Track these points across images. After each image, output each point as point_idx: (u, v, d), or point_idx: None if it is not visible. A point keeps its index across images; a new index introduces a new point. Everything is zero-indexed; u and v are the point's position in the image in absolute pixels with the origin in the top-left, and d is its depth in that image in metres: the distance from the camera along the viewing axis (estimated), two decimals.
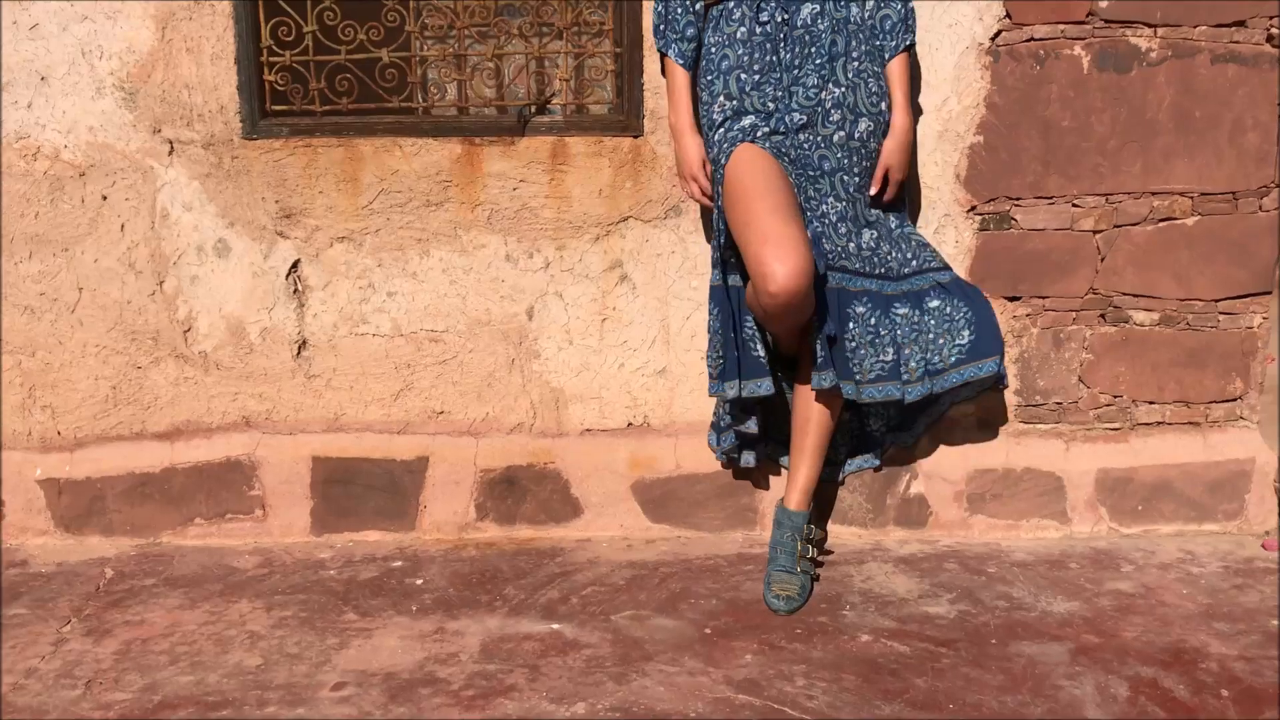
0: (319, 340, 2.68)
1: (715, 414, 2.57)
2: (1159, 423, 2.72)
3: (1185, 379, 2.70)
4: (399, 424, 2.70)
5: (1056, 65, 2.55)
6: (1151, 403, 2.71)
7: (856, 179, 2.33)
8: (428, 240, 2.63)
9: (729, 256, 2.32)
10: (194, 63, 2.54)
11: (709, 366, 2.42)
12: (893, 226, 2.43)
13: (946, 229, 2.62)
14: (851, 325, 2.35)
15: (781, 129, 2.27)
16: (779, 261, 2.10)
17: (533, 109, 2.62)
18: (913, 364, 2.41)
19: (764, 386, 2.38)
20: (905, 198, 2.47)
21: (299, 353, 2.68)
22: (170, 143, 2.58)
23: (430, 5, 2.60)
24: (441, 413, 2.70)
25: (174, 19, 2.52)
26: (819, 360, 2.30)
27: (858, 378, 2.37)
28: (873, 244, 2.39)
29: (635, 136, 2.58)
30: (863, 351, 2.37)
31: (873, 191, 2.38)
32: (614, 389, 2.69)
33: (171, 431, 2.70)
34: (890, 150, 2.37)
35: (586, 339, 2.67)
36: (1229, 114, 2.58)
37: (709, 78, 2.32)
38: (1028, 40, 2.55)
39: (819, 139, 2.29)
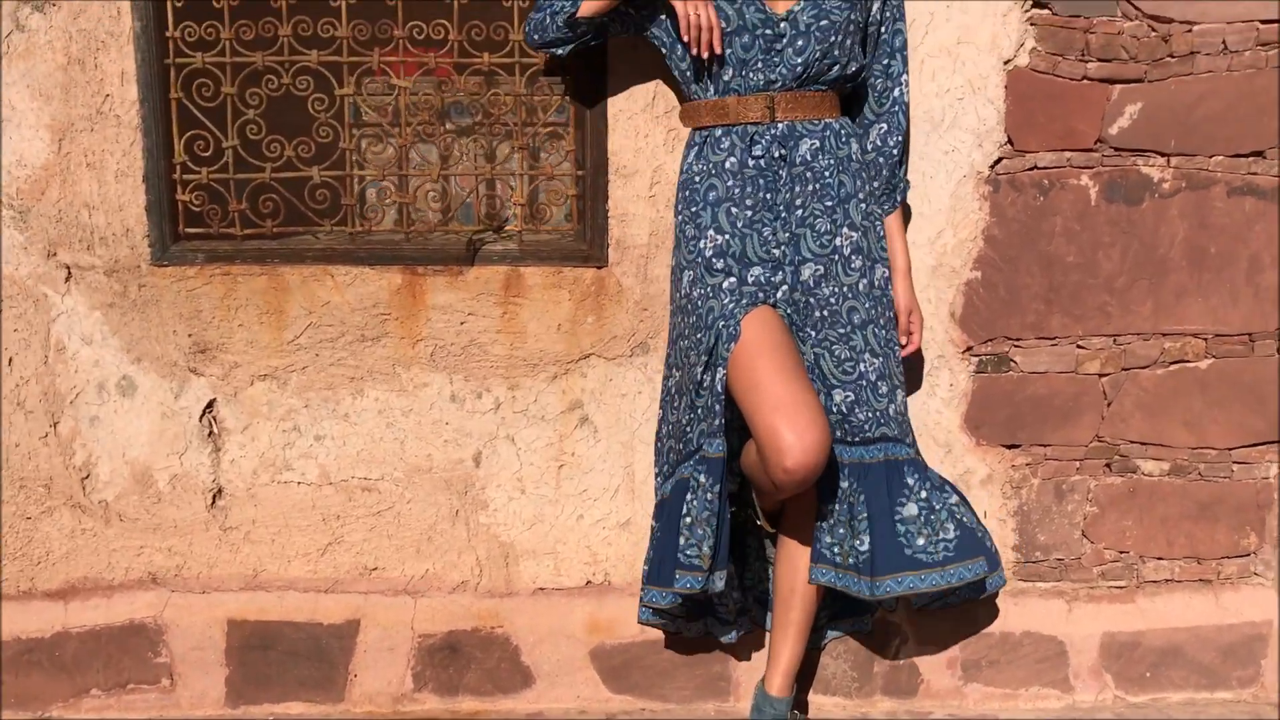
0: (237, 489, 2.48)
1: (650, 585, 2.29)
2: (1168, 580, 2.61)
3: (1196, 533, 2.60)
4: (327, 582, 2.51)
5: (1061, 196, 2.45)
6: (1160, 559, 2.60)
7: (884, 331, 2.18)
8: (362, 379, 2.45)
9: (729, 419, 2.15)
10: (96, 180, 2.34)
11: (686, 556, 2.13)
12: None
13: (940, 371, 2.49)
14: (902, 502, 2.17)
15: (800, 287, 2.12)
16: (796, 433, 1.95)
17: (484, 235, 2.46)
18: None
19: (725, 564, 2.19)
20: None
21: (214, 502, 2.49)
22: (68, 268, 2.38)
23: (371, 101, 2.43)
24: (375, 569, 2.52)
25: (73, 130, 2.32)
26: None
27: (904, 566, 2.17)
28: (905, 405, 2.25)
29: (598, 267, 2.42)
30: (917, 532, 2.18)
31: (910, 348, 2.26)
32: (571, 543, 2.52)
33: (66, 590, 2.48)
34: (906, 290, 2.25)
35: (541, 488, 2.50)
36: (1246, 250, 2.48)
37: (693, 209, 2.15)
38: (1031, 169, 2.44)
39: (844, 289, 2.14)
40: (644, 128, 2.37)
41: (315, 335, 2.42)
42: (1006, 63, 2.39)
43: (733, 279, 2.10)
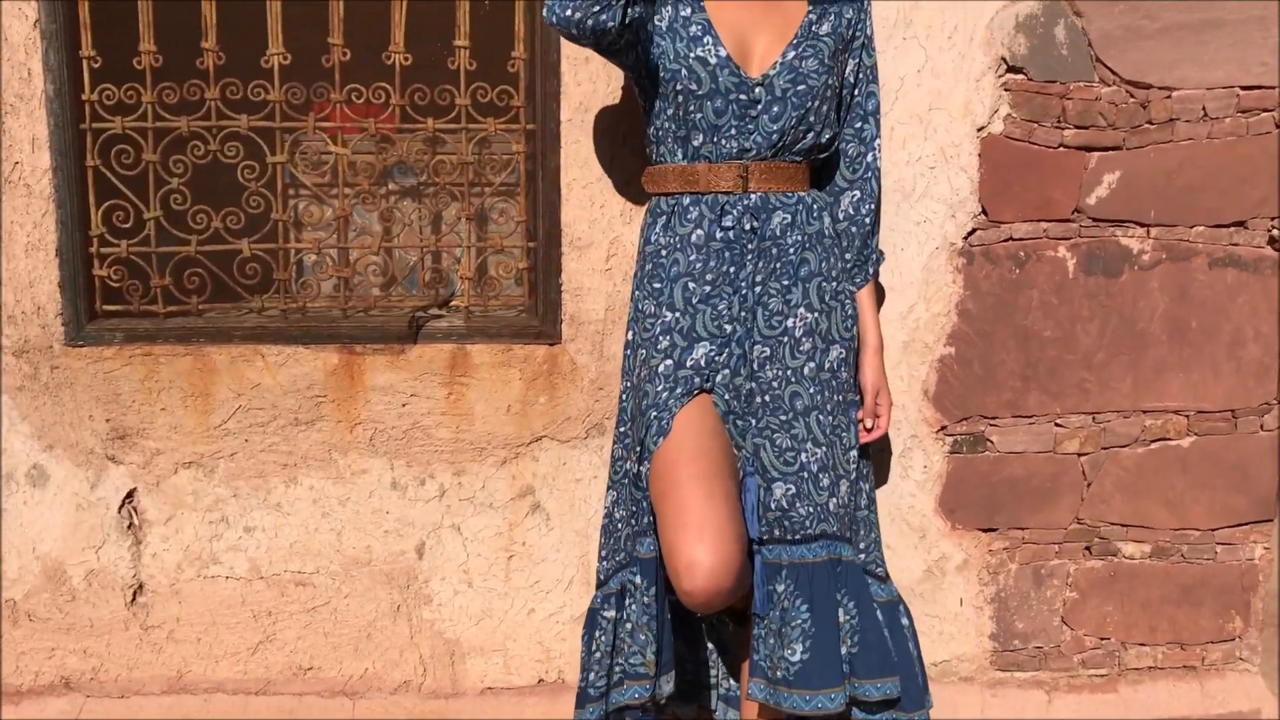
0: (159, 584, 2.33)
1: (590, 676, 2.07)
2: (1151, 668, 2.53)
3: (1179, 618, 2.52)
4: (258, 683, 2.36)
5: (1038, 268, 2.37)
6: (1142, 645, 2.52)
7: (831, 417, 2.03)
8: (295, 465, 2.31)
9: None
10: (3, 254, 2.19)
11: (630, 664, 1.96)
12: (858, 483, 2.15)
13: (914, 453, 2.40)
14: (845, 612, 2.00)
15: (745, 370, 2.00)
16: (699, 555, 1.79)
17: (428, 311, 2.34)
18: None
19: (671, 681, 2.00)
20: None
21: (134, 599, 2.33)
22: None
23: (307, 166, 2.31)
24: (310, 669, 2.37)
25: None
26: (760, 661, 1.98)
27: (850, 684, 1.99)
28: (849, 499, 2.06)
29: (551, 344, 2.31)
30: (856, 650, 2.00)
31: (876, 432, 2.12)
32: (522, 639, 2.39)
33: None
34: (876, 369, 2.13)
35: (489, 580, 2.37)
36: (1228, 324, 2.42)
37: (655, 284, 2.01)
38: (1006, 240, 2.36)
39: (789, 373, 2.01)
40: (600, 197, 2.27)
41: (245, 419, 2.28)
42: (980, 130, 2.31)
43: (670, 361, 1.97)
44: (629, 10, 1.81)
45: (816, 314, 2.02)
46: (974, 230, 2.34)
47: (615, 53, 1.91)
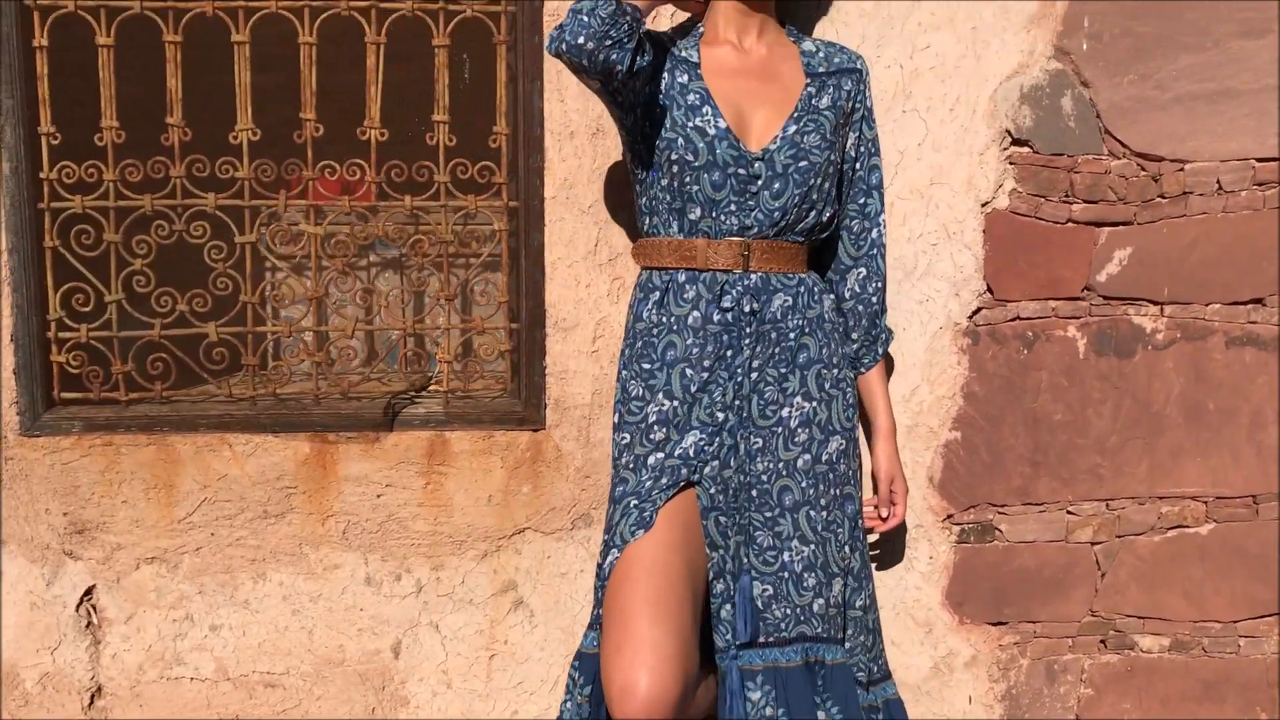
0: (119, 687, 2.21)
1: None
2: None
3: (1201, 715, 2.40)
4: None
5: (1047, 348, 2.28)
6: None
7: (825, 513, 1.93)
8: (264, 560, 2.20)
9: None
10: None
11: None
12: (864, 597, 2.02)
13: (919, 543, 2.30)
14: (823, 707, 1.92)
15: (736, 461, 1.90)
16: (634, 680, 1.63)
17: (405, 396, 2.24)
18: None
19: None
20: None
21: (91, 703, 2.21)
22: None
23: (279, 243, 2.22)
24: None
25: None
26: None
27: None
28: (841, 600, 1.96)
29: (535, 430, 2.21)
30: None
31: (892, 521, 2.05)
32: None
33: None
34: (889, 455, 2.05)
35: (470, 681, 2.26)
36: (1247, 406, 2.32)
37: (646, 367, 1.91)
38: (1013, 319, 2.27)
39: (780, 466, 1.91)
40: (586, 276, 2.18)
41: (210, 512, 2.18)
42: (984, 205, 2.22)
43: (660, 455, 1.87)
44: (637, 58, 1.73)
45: (815, 403, 1.92)
46: (979, 309, 2.25)
47: (618, 104, 1.84)
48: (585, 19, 1.69)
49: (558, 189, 2.14)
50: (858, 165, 2.02)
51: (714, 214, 1.87)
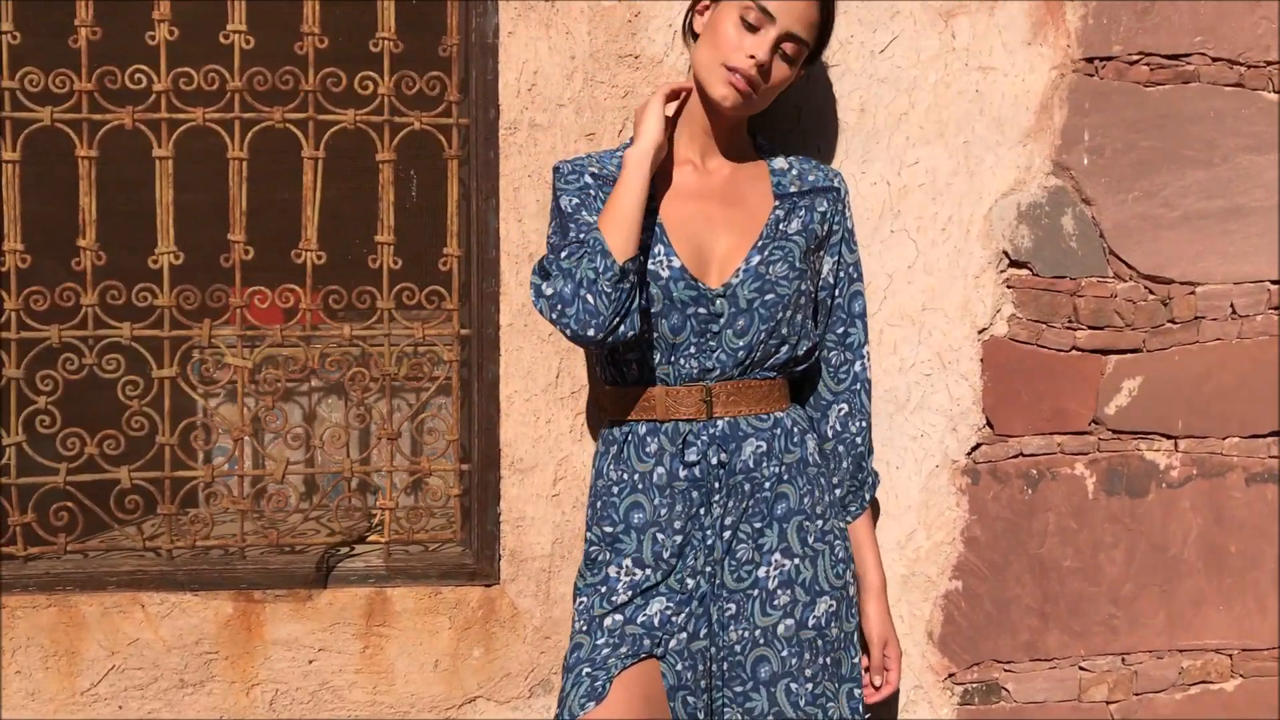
0: None
1: None
2: None
3: None
4: None
5: (1053, 488, 2.10)
6: None
7: (813, 685, 1.71)
8: None
9: None
10: None
11: None
12: None
13: (918, 705, 2.08)
14: None
15: (704, 631, 1.69)
16: None
17: (341, 549, 2.03)
18: None
19: None
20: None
21: None
22: None
23: (207, 366, 2.02)
24: None
25: None
26: None
27: None
28: None
29: (487, 585, 1.99)
30: None
31: (886, 690, 1.83)
32: None
33: None
34: (881, 615, 1.84)
35: None
36: (1272, 549, 2.15)
37: (608, 530, 1.71)
38: (1015, 456, 2.09)
39: (756, 634, 1.70)
40: (546, 411, 1.99)
41: (119, 682, 1.94)
42: (981, 332, 2.06)
43: (619, 617, 1.67)
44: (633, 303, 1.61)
45: (797, 560, 1.72)
46: (978, 445, 2.07)
47: None
48: (593, 303, 1.57)
49: (514, 316, 1.97)
50: (837, 292, 1.84)
51: (673, 358, 1.69)
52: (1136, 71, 2.06)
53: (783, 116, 1.97)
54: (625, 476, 1.72)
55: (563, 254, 1.63)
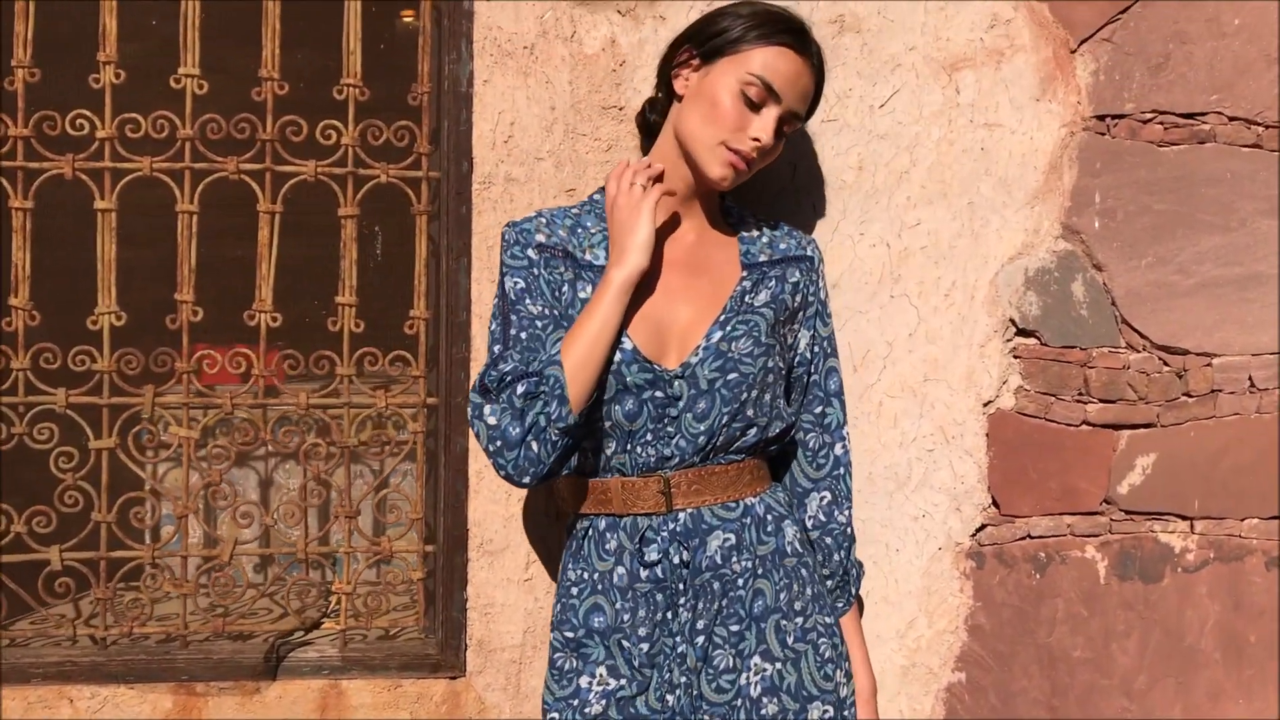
0: None
1: None
2: None
3: None
4: None
5: (1063, 572, 1.97)
6: None
7: None
8: None
9: None
10: None
11: None
12: None
13: None
14: None
15: None
16: None
17: (292, 637, 1.87)
18: None
19: None
20: None
21: None
22: None
23: (148, 437, 1.87)
24: None
25: None
26: None
27: None
28: None
29: (452, 678, 1.84)
30: None
31: None
32: None
33: None
34: None
35: None
36: None
37: (569, 633, 1.56)
38: (1023, 538, 1.96)
39: None
40: (518, 489, 1.84)
41: None
42: (987, 405, 1.94)
43: None
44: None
45: (778, 664, 1.56)
46: (984, 526, 1.95)
47: None
48: (537, 450, 1.48)
49: None
50: (813, 369, 1.69)
51: (629, 446, 1.54)
52: (1150, 130, 1.96)
53: (775, 175, 1.86)
54: (585, 576, 1.57)
55: (518, 386, 1.48)
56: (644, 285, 1.55)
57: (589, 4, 1.82)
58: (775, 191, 1.88)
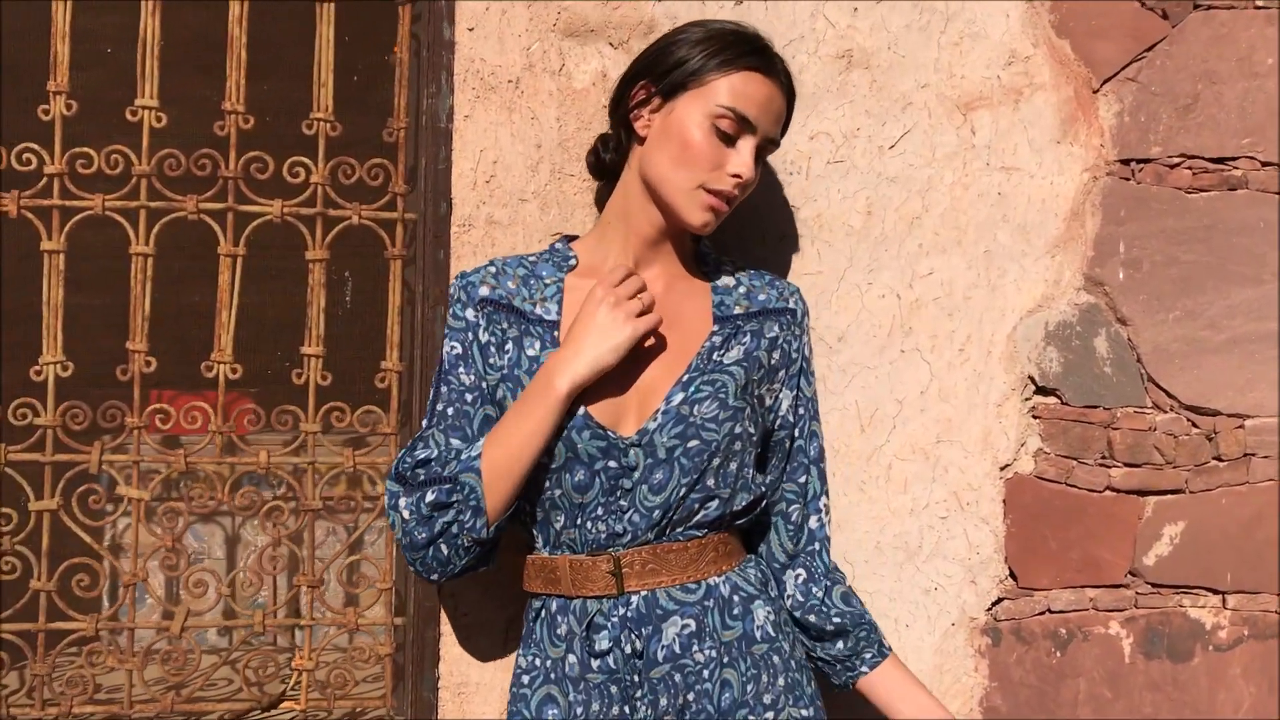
0: None
1: None
2: None
3: None
4: None
5: (1085, 650, 1.84)
6: None
7: None
8: None
9: None
10: None
11: None
12: None
13: None
14: None
15: None
16: None
17: (250, 715, 1.73)
18: None
19: None
20: None
21: None
22: None
23: (95, 499, 1.73)
24: None
25: None
26: None
27: None
28: None
29: None
30: None
31: None
32: None
33: None
34: None
35: None
36: None
37: None
38: (1042, 613, 1.83)
39: None
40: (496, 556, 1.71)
41: None
42: (1004, 468, 1.82)
43: None
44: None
45: None
46: (1000, 600, 1.82)
47: None
48: (447, 554, 1.41)
49: None
50: (796, 432, 1.55)
51: (579, 521, 1.41)
52: (1178, 175, 1.85)
53: (774, 219, 1.74)
54: (538, 663, 1.44)
55: (428, 492, 1.39)
56: None
57: (579, 36, 1.71)
58: (776, 237, 1.76)
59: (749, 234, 1.76)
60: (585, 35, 1.71)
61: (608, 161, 1.54)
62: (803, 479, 1.56)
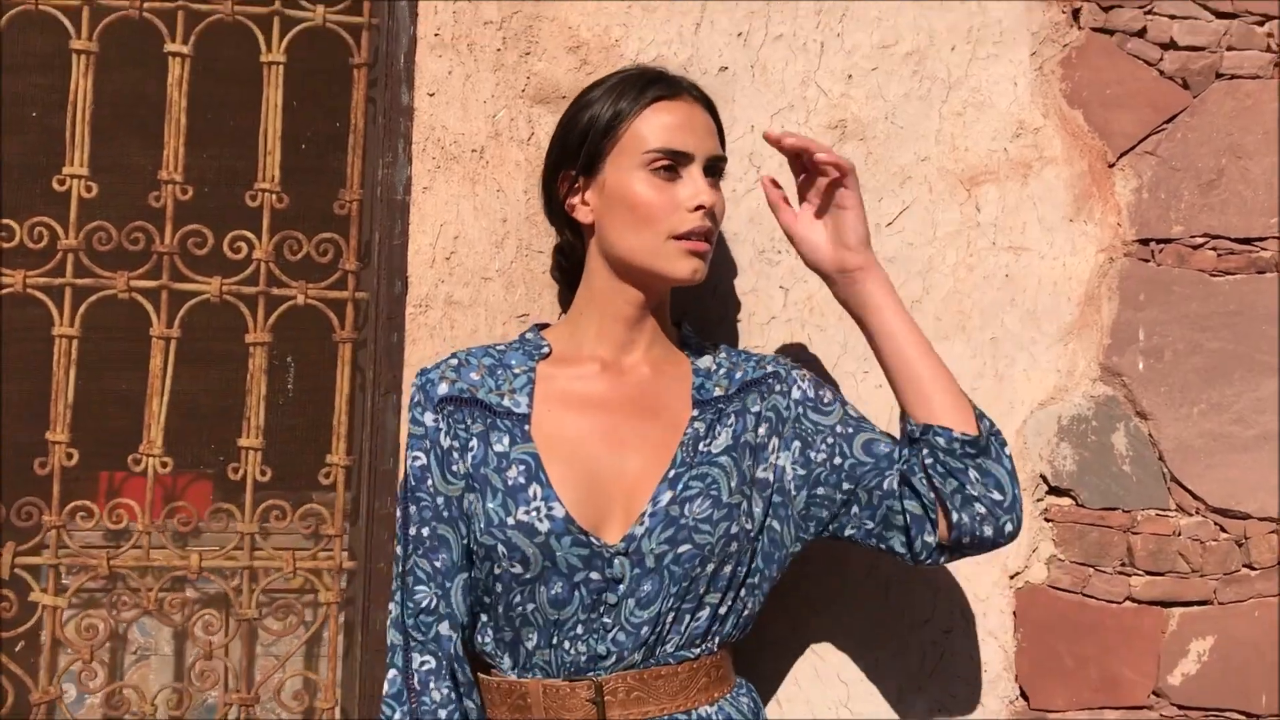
0: None
1: None
2: None
3: None
4: None
5: None
6: None
7: None
8: None
9: None
10: None
11: None
12: None
13: None
14: None
15: None
16: None
17: None
18: None
19: None
20: None
21: None
22: None
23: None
24: None
25: None
26: None
27: None
28: None
29: None
30: None
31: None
32: None
33: None
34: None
35: None
36: None
37: None
38: None
39: None
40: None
41: None
42: (1014, 577, 1.67)
43: None
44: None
45: None
46: None
47: None
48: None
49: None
50: (835, 452, 1.36)
51: (555, 640, 1.27)
52: (1201, 257, 1.73)
53: (764, 303, 1.61)
54: None
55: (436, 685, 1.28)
56: (583, 434, 1.31)
57: (550, 103, 1.59)
58: (764, 321, 1.63)
59: (733, 316, 1.63)
60: (557, 102, 1.59)
61: (568, 267, 1.43)
62: (883, 450, 1.38)
